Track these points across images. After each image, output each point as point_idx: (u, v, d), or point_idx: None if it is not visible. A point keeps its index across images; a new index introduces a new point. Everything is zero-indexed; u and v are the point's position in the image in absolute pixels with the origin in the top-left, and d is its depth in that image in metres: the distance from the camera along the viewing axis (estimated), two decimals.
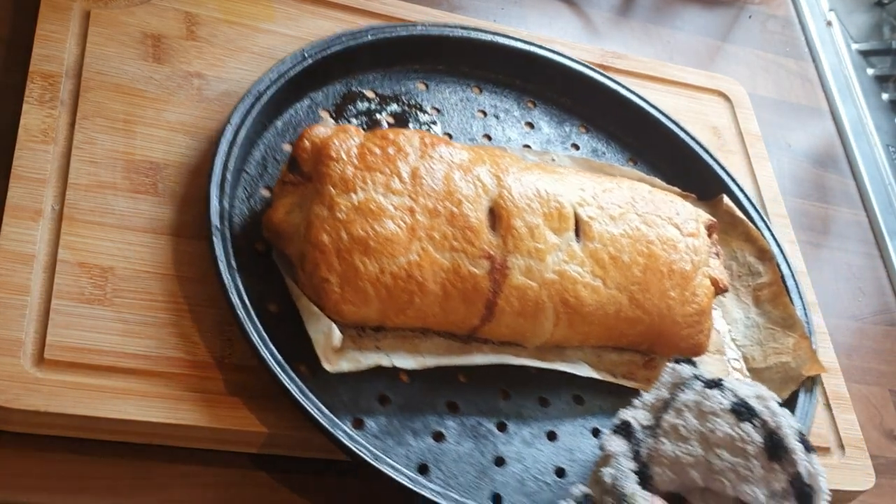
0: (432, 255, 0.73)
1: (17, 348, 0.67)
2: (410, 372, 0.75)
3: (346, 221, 0.72)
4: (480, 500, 0.72)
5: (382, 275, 0.72)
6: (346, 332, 0.74)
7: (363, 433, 0.72)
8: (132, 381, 0.68)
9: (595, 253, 0.79)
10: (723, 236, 0.93)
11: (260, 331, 0.71)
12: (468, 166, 0.77)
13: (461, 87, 0.95)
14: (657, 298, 0.80)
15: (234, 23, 0.90)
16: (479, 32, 0.95)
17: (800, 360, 0.85)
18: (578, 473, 0.76)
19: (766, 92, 1.20)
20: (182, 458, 0.70)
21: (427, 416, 0.74)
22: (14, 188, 0.73)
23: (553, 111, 0.98)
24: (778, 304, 0.89)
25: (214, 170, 0.76)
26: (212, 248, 0.73)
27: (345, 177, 0.73)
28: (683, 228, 0.83)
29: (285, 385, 0.68)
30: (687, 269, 0.81)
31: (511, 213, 0.76)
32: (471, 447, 0.74)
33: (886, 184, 1.17)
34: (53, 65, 0.80)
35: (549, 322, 0.77)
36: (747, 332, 0.89)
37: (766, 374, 0.86)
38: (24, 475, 0.66)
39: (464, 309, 0.75)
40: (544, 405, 0.79)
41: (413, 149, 0.76)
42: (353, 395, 0.73)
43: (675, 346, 0.82)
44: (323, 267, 0.71)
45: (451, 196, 0.75)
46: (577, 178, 0.82)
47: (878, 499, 0.89)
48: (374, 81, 0.91)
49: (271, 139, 0.83)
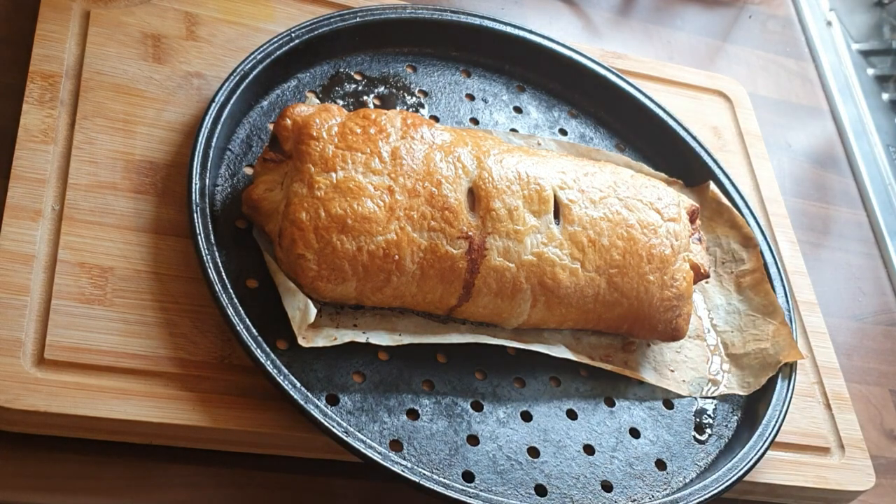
0: (410, 234, 0.74)
1: (17, 348, 0.67)
2: (389, 350, 0.76)
3: (325, 199, 0.72)
4: (452, 478, 0.72)
5: (360, 253, 0.72)
6: (324, 310, 0.75)
7: (337, 409, 0.72)
8: (132, 381, 0.69)
9: (574, 236, 0.79)
10: (708, 223, 0.93)
11: (236, 305, 0.71)
12: (449, 147, 0.78)
13: (449, 71, 0.95)
14: (636, 282, 0.80)
15: (234, 23, 0.90)
16: (468, 16, 0.96)
17: (778, 346, 0.85)
18: (552, 453, 0.76)
19: (766, 92, 1.20)
20: (182, 458, 0.70)
21: (403, 393, 0.75)
22: (14, 188, 0.73)
23: (542, 96, 0.98)
24: (759, 291, 0.90)
25: (197, 147, 0.77)
26: (191, 224, 0.73)
27: (325, 155, 0.74)
28: (665, 213, 0.83)
29: (258, 358, 0.69)
30: (666, 254, 0.82)
31: (490, 195, 0.77)
32: (445, 425, 0.74)
33: (886, 184, 1.17)
34: (53, 65, 0.80)
35: (527, 303, 0.78)
36: (728, 318, 0.89)
37: (745, 360, 0.86)
38: (24, 475, 0.66)
39: (441, 288, 0.76)
40: (520, 386, 0.79)
41: (394, 129, 0.77)
42: (329, 371, 0.73)
43: (653, 329, 0.82)
44: (300, 244, 0.72)
45: (431, 176, 0.76)
46: (559, 162, 0.83)
47: (878, 499, 0.89)
48: (361, 63, 0.91)
49: (257, 118, 0.84)
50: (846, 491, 0.86)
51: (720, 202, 0.94)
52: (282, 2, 0.94)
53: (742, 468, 0.79)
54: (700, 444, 0.82)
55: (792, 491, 0.84)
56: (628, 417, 0.81)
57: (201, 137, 0.77)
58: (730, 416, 0.84)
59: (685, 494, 0.76)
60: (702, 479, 0.78)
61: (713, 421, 0.83)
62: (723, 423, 0.84)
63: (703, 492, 0.77)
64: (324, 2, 0.95)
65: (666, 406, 0.83)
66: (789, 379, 0.85)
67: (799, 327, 0.93)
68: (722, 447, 0.82)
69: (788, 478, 0.84)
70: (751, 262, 0.91)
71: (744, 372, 0.86)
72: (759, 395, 0.85)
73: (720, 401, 0.85)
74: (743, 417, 0.84)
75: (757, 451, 0.80)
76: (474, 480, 0.73)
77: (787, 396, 0.84)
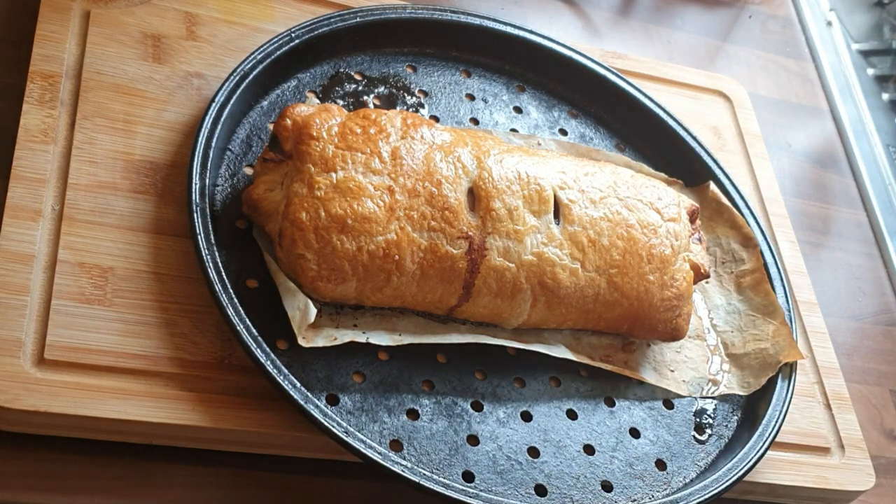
0: (410, 234, 0.74)
1: (17, 348, 0.67)
2: (389, 351, 0.76)
3: (325, 199, 0.72)
4: (452, 478, 0.72)
5: (360, 253, 0.72)
6: (324, 310, 0.75)
7: (337, 409, 0.72)
8: (132, 381, 0.69)
9: (574, 236, 0.79)
10: (708, 223, 0.93)
11: (236, 305, 0.71)
12: (449, 147, 0.78)
13: (449, 71, 0.95)
14: (636, 282, 0.80)
15: (234, 23, 0.90)
16: (468, 16, 0.96)
17: (778, 346, 0.86)
18: (552, 453, 0.76)
19: (766, 92, 1.20)
20: (182, 458, 0.70)
21: (403, 393, 0.75)
22: (14, 188, 0.73)
23: (542, 96, 0.98)
24: (759, 291, 0.90)
25: (197, 147, 0.77)
26: (191, 224, 0.73)
27: (325, 155, 0.74)
28: (665, 213, 0.83)
29: (258, 358, 0.69)
30: (666, 254, 0.82)
31: (490, 195, 0.77)
32: (445, 425, 0.74)
33: (886, 184, 1.17)
34: (53, 65, 0.80)
35: (527, 303, 0.78)
36: (728, 318, 0.89)
37: (745, 360, 0.86)
38: (24, 475, 0.66)
39: (441, 288, 0.76)
40: (521, 386, 0.79)
41: (394, 129, 0.77)
42: (329, 371, 0.73)
43: (653, 329, 0.82)
44: (300, 244, 0.72)
45: (431, 176, 0.76)
46: (559, 162, 0.83)
47: (878, 499, 0.89)
48: (361, 63, 0.91)
49: (257, 118, 0.84)
50: (846, 491, 0.86)
51: (720, 202, 0.94)
52: (282, 2, 0.94)
53: (742, 468, 0.79)
54: (700, 444, 0.82)
55: (792, 491, 0.84)
56: (628, 417, 0.81)
57: (201, 137, 0.77)
58: (730, 416, 0.84)
59: (685, 494, 0.76)
60: (702, 479, 0.78)
61: (713, 421, 0.83)
62: (723, 423, 0.84)
63: (704, 492, 0.77)
64: (324, 2, 0.95)
65: (666, 406, 0.83)
66: (789, 379, 0.85)
67: (799, 327, 0.93)
68: (722, 447, 0.82)
69: (788, 478, 0.84)
70: (751, 262, 0.91)
71: (744, 372, 0.86)
72: (760, 395, 0.85)
73: (720, 401, 0.85)
74: (743, 417, 0.84)
75: (757, 451, 0.80)
76: (474, 480, 0.73)
77: (787, 396, 0.84)
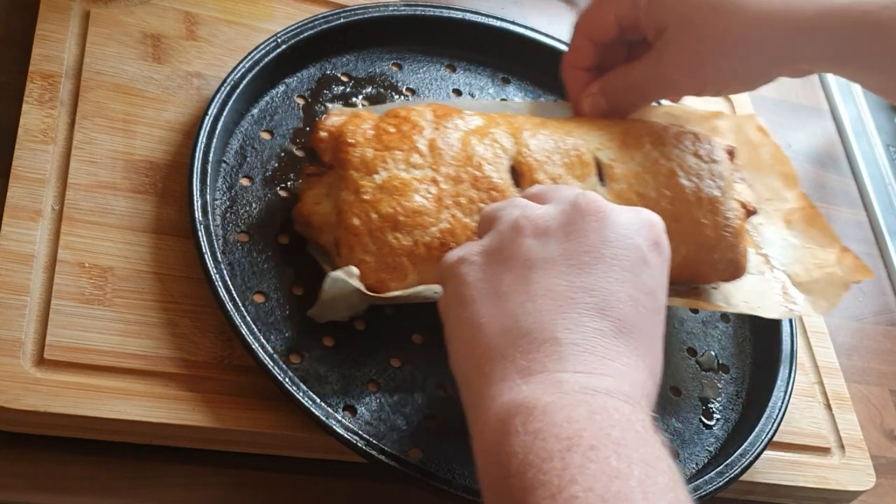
0: (462, 219, 0.74)
1: (16, 348, 0.67)
2: (400, 357, 0.76)
3: (373, 201, 0.73)
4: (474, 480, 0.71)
5: (416, 247, 0.73)
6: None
7: (356, 420, 0.72)
8: (132, 382, 0.68)
9: (622, 193, 0.79)
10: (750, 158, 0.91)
11: (251, 325, 0.71)
12: (483, 130, 0.78)
13: (434, 66, 0.95)
14: (690, 227, 0.80)
15: (234, 23, 0.90)
16: (450, 10, 0.95)
17: (846, 268, 0.85)
18: None
19: (766, 92, 1.20)
20: (182, 458, 0.70)
21: (417, 398, 0.74)
22: (14, 188, 0.73)
23: (527, 86, 0.98)
24: (814, 224, 0.89)
25: (195, 164, 0.76)
26: (197, 244, 0.73)
27: (365, 159, 0.74)
28: (705, 157, 0.83)
29: (279, 379, 0.69)
30: (716, 195, 0.81)
31: (532, 168, 0.77)
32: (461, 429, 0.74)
33: (886, 184, 1.17)
34: (53, 65, 0.80)
35: None
36: (784, 252, 0.88)
37: (814, 286, 0.86)
38: (24, 475, 0.66)
39: None
40: None
41: (427, 122, 0.77)
42: (343, 382, 0.73)
43: (714, 270, 0.82)
44: (358, 249, 0.72)
45: (471, 160, 0.76)
46: (591, 125, 0.83)
47: (878, 499, 0.89)
48: (347, 64, 0.91)
49: (248, 127, 0.83)
50: (846, 491, 0.86)
51: (766, 134, 0.92)
52: (282, 2, 0.94)
53: (742, 467, 0.79)
54: (709, 430, 0.82)
55: (792, 491, 0.84)
56: None
57: (198, 153, 0.77)
58: (735, 399, 0.84)
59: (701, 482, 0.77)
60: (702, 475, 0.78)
61: (720, 405, 0.84)
62: (729, 405, 0.84)
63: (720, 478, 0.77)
64: (323, 1, 0.95)
65: (673, 393, 0.83)
66: (789, 379, 0.85)
67: (799, 327, 0.93)
68: (730, 430, 0.83)
69: (788, 478, 0.84)
70: (797, 200, 0.90)
71: (814, 296, 0.85)
72: (759, 394, 0.85)
73: (723, 389, 0.85)
74: (744, 417, 0.84)
75: (756, 450, 0.80)
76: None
77: (787, 396, 0.84)
